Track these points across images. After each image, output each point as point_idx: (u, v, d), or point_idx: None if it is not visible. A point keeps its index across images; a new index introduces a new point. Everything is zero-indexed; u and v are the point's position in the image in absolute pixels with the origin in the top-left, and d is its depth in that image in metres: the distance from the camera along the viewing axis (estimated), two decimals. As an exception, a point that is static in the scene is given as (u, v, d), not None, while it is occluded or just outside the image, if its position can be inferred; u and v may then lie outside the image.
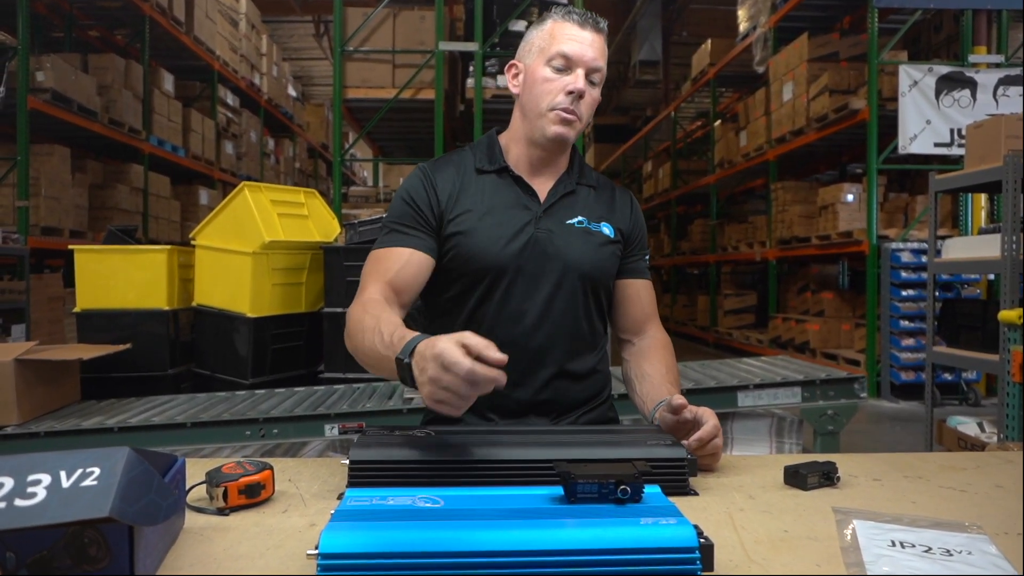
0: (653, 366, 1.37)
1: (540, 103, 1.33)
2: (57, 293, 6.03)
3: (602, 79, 1.36)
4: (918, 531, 0.87)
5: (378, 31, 6.42)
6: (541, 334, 1.34)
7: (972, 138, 3.94)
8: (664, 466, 1.00)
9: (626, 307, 1.45)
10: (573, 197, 1.40)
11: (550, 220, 1.36)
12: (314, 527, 0.89)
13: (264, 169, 10.55)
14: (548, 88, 1.32)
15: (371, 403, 2.71)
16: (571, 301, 1.36)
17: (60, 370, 2.82)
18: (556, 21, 1.34)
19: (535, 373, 1.34)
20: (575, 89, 1.31)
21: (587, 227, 1.38)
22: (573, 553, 0.69)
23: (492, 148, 1.41)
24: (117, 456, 0.66)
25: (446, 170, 1.38)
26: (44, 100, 5.78)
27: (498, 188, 1.37)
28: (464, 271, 1.34)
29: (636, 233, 1.46)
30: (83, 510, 0.61)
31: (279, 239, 3.21)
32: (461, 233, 1.33)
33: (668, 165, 12.34)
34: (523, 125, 1.38)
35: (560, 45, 1.31)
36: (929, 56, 7.24)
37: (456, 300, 1.36)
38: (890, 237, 6.56)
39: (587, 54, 1.31)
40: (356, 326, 1.20)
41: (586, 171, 1.45)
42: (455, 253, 1.33)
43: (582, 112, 1.33)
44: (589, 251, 1.36)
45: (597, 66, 1.33)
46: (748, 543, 0.85)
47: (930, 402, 4.09)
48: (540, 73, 1.33)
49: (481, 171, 1.38)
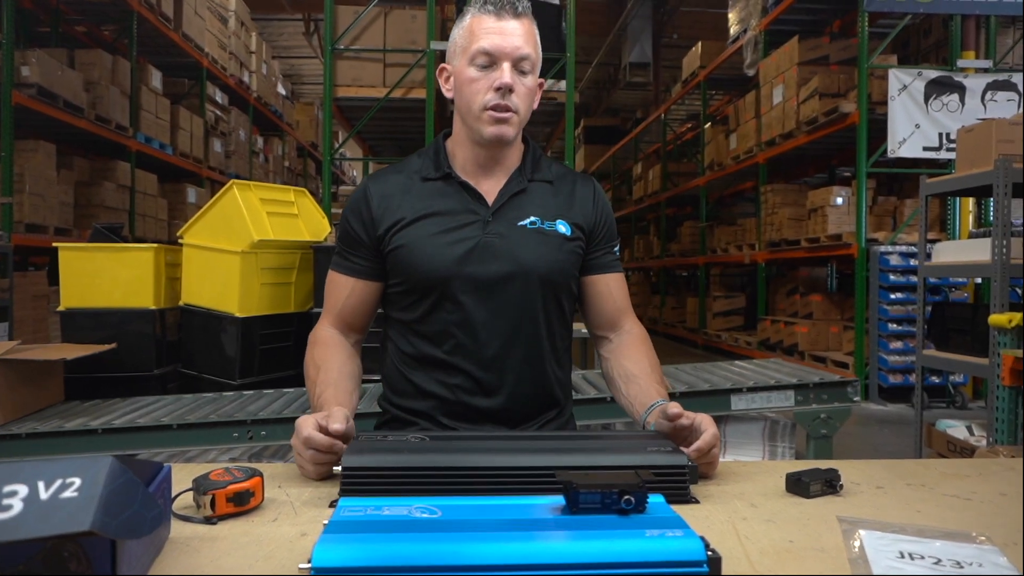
0: (637, 364, 1.33)
1: (472, 105, 1.28)
2: (41, 291, 5.95)
3: (534, 64, 1.30)
4: (926, 542, 0.85)
5: (369, 30, 6.38)
6: (497, 342, 1.29)
7: (963, 142, 3.95)
8: (665, 473, 0.98)
9: (597, 303, 1.40)
10: (524, 196, 1.34)
11: (500, 224, 1.30)
12: (305, 537, 0.86)
13: (253, 167, 10.48)
14: (476, 88, 1.27)
15: (360, 406, 2.67)
16: (528, 306, 1.31)
17: (43, 370, 2.77)
18: (473, 16, 1.29)
19: (493, 382, 1.30)
20: (502, 84, 1.25)
21: (541, 227, 1.32)
22: (577, 567, 0.66)
23: (438, 154, 1.36)
24: (99, 466, 0.63)
25: (388, 182, 1.35)
26: (29, 95, 5.70)
27: (443, 195, 1.32)
28: (410, 284, 1.30)
29: (601, 225, 1.39)
30: (62, 524, 0.58)
31: (268, 238, 3.17)
32: (402, 246, 1.30)
33: (658, 167, 12.35)
34: (463, 128, 1.34)
35: (479, 42, 1.26)
36: (918, 60, 7.28)
37: (408, 312, 1.33)
38: (879, 240, 6.59)
39: (508, 45, 1.26)
40: (305, 369, 1.34)
41: (542, 165, 1.39)
42: (400, 266, 1.30)
43: (517, 104, 1.28)
44: (545, 253, 1.30)
45: (522, 54, 1.27)
46: (753, 554, 0.83)
47: (920, 405, 4.09)
48: (466, 74, 1.28)
49: (426, 179, 1.34)
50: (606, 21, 12.51)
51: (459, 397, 1.30)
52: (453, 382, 1.30)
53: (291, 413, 2.62)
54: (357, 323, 1.38)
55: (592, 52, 13.22)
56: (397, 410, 1.39)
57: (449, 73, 1.34)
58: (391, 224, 1.31)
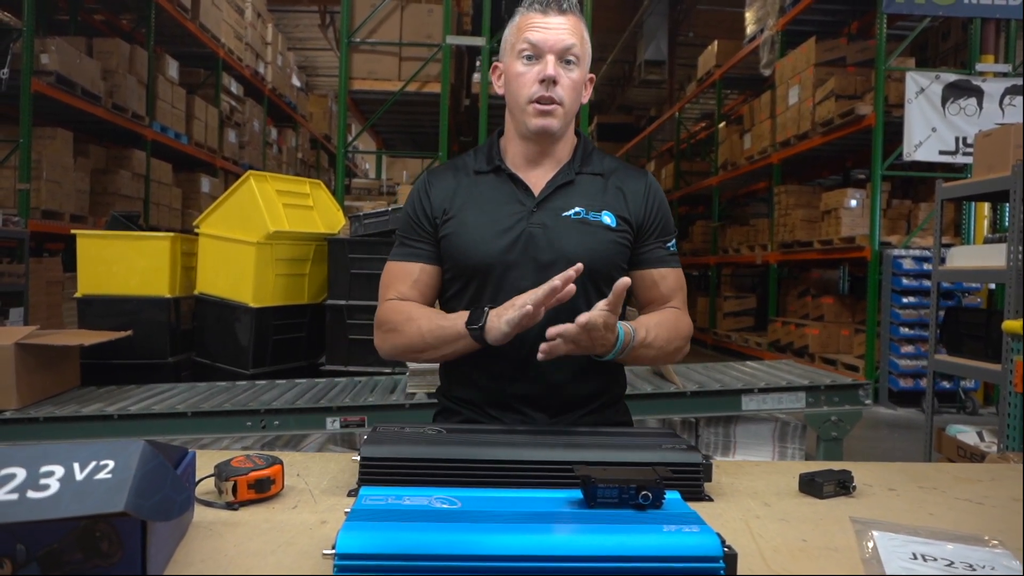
0: (647, 317, 1.36)
1: (519, 98, 1.33)
2: (56, 277, 6.00)
3: (579, 57, 1.33)
4: (939, 544, 0.85)
5: (385, 23, 6.39)
6: (537, 330, 1.28)
7: (980, 147, 3.92)
8: (679, 471, 0.99)
9: (646, 294, 1.42)
10: (571, 188, 1.37)
11: (544, 214, 1.34)
12: (325, 524, 0.87)
13: (266, 158, 10.52)
14: (522, 81, 1.32)
15: (373, 397, 2.70)
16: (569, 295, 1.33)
17: (60, 355, 2.80)
18: (522, 15, 1.35)
19: (534, 369, 1.31)
20: (546, 76, 1.30)
21: (584, 217, 1.35)
22: (595, 560, 0.67)
23: (491, 149, 1.42)
24: (132, 449, 0.65)
25: (444, 175, 1.42)
26: (48, 83, 5.74)
27: (493, 186, 1.38)
28: (457, 270, 1.36)
29: (652, 219, 1.39)
30: (97, 504, 0.59)
31: (284, 229, 3.19)
32: (452, 234, 1.35)
33: (671, 165, 12.31)
34: (512, 122, 1.39)
35: (525, 35, 1.32)
36: (936, 63, 7.23)
37: (456, 298, 1.38)
38: (892, 244, 6.55)
39: (551, 37, 1.30)
40: (401, 322, 1.32)
41: (594, 159, 1.42)
42: (448, 253, 1.36)
43: (562, 96, 1.31)
44: (587, 242, 1.33)
45: (566, 45, 1.31)
46: (767, 552, 0.84)
47: (931, 410, 4.08)
48: (514, 68, 1.33)
49: (479, 172, 1.40)
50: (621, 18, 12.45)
51: (501, 386, 1.33)
52: (496, 370, 1.33)
53: (304, 403, 2.64)
54: None
55: (607, 49, 13.18)
56: (448, 400, 1.42)
57: (500, 71, 1.39)
58: (445, 213, 1.37)
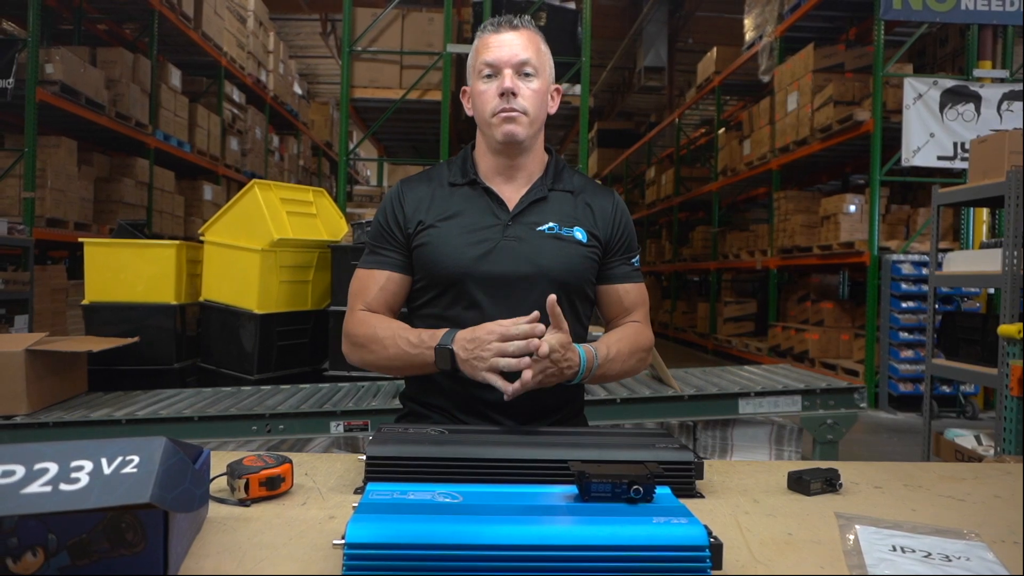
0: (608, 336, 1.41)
1: (484, 113, 1.39)
2: (60, 285, 6.06)
3: (538, 68, 1.39)
4: (918, 537, 0.90)
5: (386, 32, 6.46)
6: None
7: (976, 152, 3.97)
8: (672, 468, 1.03)
9: (610, 309, 1.47)
10: (544, 204, 1.42)
11: (519, 227, 1.38)
12: (334, 519, 0.92)
13: (268, 166, 10.58)
14: (485, 98, 1.39)
15: (376, 401, 2.74)
16: (542, 307, 1.33)
17: (69, 361, 2.85)
18: (479, 38, 1.42)
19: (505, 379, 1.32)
20: (504, 89, 1.36)
21: (559, 233, 1.39)
22: (589, 549, 0.72)
23: (465, 162, 1.46)
24: (154, 445, 0.69)
25: (418, 186, 1.45)
26: (53, 92, 5.81)
27: (468, 199, 1.42)
28: (430, 279, 1.39)
29: (618, 237, 1.46)
30: (125, 496, 0.64)
31: (288, 237, 3.24)
32: (426, 244, 1.39)
33: (671, 171, 12.37)
34: (483, 139, 1.44)
35: (482, 57, 1.39)
36: (934, 69, 7.28)
37: (428, 307, 1.41)
38: (891, 249, 6.60)
39: (506, 53, 1.37)
40: (367, 338, 1.35)
41: (564, 176, 1.47)
42: (421, 263, 1.39)
43: (524, 106, 1.37)
44: (561, 256, 1.38)
45: (521, 59, 1.37)
46: (754, 545, 0.88)
47: (928, 414, 4.11)
48: (477, 88, 1.40)
49: (454, 184, 1.44)
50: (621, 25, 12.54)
51: (471, 392, 1.35)
52: (465, 377, 1.35)
53: (308, 408, 2.68)
54: (387, 314, 1.43)
55: (607, 56, 13.27)
56: (415, 404, 1.45)
57: (468, 94, 1.45)
58: (419, 223, 1.40)
